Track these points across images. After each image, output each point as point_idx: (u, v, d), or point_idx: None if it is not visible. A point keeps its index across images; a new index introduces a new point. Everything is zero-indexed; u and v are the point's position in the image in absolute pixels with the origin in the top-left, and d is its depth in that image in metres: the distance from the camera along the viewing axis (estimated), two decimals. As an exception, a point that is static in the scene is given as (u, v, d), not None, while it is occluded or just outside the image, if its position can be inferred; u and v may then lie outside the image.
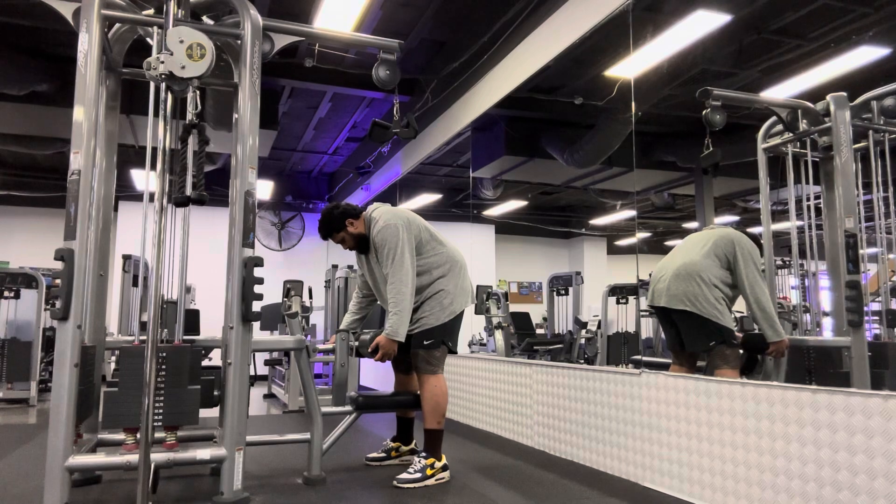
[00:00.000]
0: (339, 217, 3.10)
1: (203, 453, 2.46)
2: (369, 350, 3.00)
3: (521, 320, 7.76)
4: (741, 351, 3.20)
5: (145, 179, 2.66)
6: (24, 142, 6.40)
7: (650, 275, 3.47)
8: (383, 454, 3.31)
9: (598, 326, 6.76)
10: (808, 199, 3.55)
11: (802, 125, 3.46)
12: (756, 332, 3.16)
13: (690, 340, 3.22)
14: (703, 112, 3.43)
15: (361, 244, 3.13)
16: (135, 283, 6.45)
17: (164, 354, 2.49)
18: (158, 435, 2.50)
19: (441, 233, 3.22)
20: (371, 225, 3.09)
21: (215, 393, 2.70)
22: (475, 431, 4.31)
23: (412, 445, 3.34)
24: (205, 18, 2.72)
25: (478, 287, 6.78)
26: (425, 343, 2.99)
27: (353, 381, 5.46)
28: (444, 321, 3.04)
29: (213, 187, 6.29)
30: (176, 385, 2.50)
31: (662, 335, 6.25)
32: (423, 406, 3.01)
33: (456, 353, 3.15)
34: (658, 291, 3.29)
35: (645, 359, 4.43)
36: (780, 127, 3.59)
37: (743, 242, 3.18)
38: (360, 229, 3.12)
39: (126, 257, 6.38)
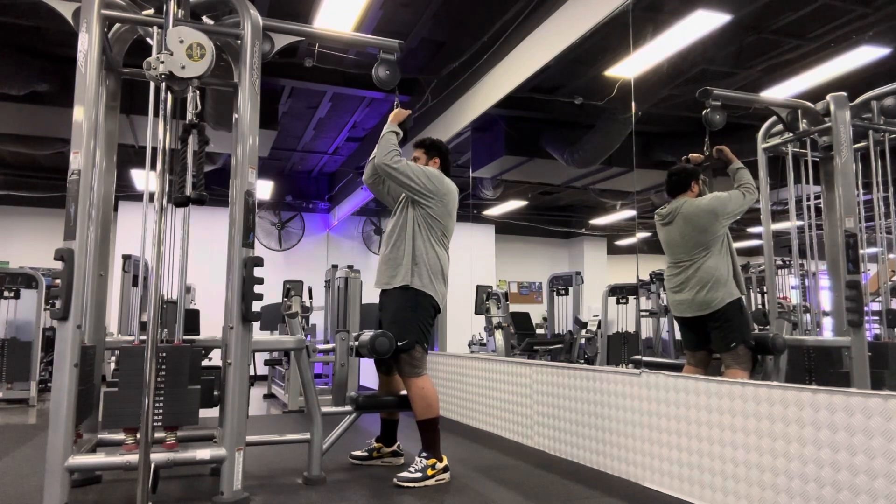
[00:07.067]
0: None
1: (203, 453, 2.46)
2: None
3: (521, 320, 7.76)
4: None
5: (145, 179, 2.66)
6: (24, 142, 6.39)
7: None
8: (366, 453, 3.31)
9: (598, 326, 6.77)
10: (808, 199, 3.55)
11: (802, 125, 3.46)
12: (757, 331, 3.16)
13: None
14: (703, 112, 3.43)
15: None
16: (135, 283, 6.46)
17: (164, 354, 2.49)
18: (158, 435, 2.50)
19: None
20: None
21: (215, 393, 2.70)
22: (475, 431, 4.31)
23: (394, 448, 3.33)
24: (205, 18, 2.72)
25: (478, 287, 6.79)
26: (400, 345, 2.98)
27: (353, 381, 5.46)
28: (420, 319, 3.04)
29: (213, 187, 6.27)
30: (176, 385, 2.49)
31: (663, 335, 6.26)
32: (414, 408, 2.99)
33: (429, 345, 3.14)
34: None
35: (645, 359, 4.43)
36: (780, 127, 3.59)
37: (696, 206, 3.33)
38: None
39: (126, 257, 6.38)
